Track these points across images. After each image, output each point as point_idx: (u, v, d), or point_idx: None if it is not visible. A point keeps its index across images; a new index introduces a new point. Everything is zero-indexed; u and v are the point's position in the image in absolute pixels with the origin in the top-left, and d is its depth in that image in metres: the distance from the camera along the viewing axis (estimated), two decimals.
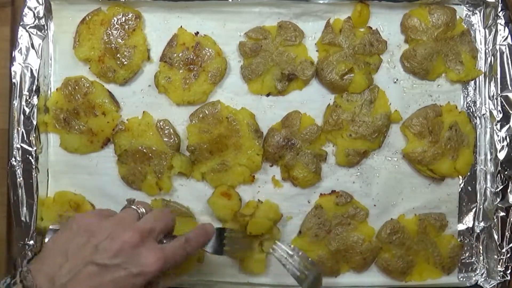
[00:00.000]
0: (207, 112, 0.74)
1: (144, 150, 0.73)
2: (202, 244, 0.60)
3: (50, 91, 0.76)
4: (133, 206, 0.57)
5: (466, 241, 0.76)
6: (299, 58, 0.74)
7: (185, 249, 0.56)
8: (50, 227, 0.67)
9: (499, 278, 0.73)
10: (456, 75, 0.75)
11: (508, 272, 0.73)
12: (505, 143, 0.74)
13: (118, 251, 0.50)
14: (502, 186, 0.73)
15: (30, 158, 0.73)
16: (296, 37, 0.74)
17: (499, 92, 0.74)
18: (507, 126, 0.74)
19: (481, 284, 0.75)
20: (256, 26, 0.75)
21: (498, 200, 0.73)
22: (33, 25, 0.74)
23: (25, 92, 0.73)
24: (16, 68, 0.73)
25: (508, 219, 0.73)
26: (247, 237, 0.71)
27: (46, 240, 0.64)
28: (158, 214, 0.56)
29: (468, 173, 0.76)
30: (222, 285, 0.74)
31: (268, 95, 0.75)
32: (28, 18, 0.74)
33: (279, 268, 0.74)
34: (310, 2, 0.74)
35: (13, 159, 0.72)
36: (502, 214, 0.73)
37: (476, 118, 0.76)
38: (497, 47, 0.74)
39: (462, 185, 0.76)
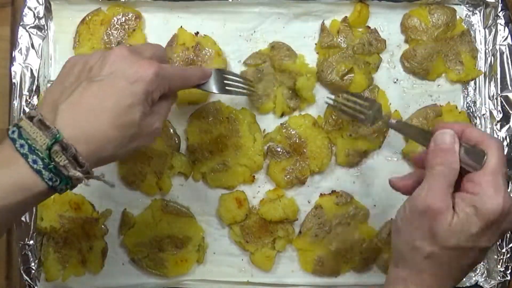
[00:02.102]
0: (207, 112, 0.74)
1: (144, 150, 0.73)
2: (198, 75, 0.59)
3: None
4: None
5: None
6: (300, 72, 0.74)
7: (180, 71, 0.56)
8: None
9: (499, 278, 0.73)
10: (456, 75, 0.75)
11: (508, 272, 0.73)
12: (505, 143, 0.74)
13: (111, 63, 0.49)
14: None
15: None
16: (290, 56, 0.74)
17: (499, 92, 0.74)
18: (507, 126, 0.74)
19: (481, 284, 0.74)
20: (252, 53, 0.75)
21: None
22: (33, 25, 0.74)
23: (25, 92, 0.73)
24: (16, 68, 0.73)
25: None
26: (248, 80, 0.71)
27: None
28: (148, 43, 0.56)
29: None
30: (222, 284, 0.74)
31: (282, 115, 0.75)
32: (28, 18, 0.74)
33: (281, 268, 0.74)
34: (310, 2, 0.74)
35: None
36: None
37: (476, 118, 0.76)
38: (497, 47, 0.74)
39: None
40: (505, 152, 0.73)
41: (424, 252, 0.49)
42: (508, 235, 0.73)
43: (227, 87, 0.65)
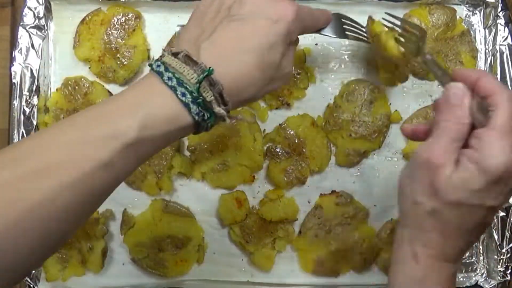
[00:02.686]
0: None
1: None
2: (324, 19, 0.58)
3: (50, 91, 0.76)
4: None
5: None
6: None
7: (313, 15, 0.54)
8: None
9: (499, 278, 0.73)
10: None
11: (508, 272, 0.73)
12: None
13: (252, 2, 0.48)
14: None
15: None
16: None
17: None
18: None
19: (481, 284, 0.75)
20: None
21: None
22: (33, 25, 0.74)
23: (25, 92, 0.73)
24: (16, 68, 0.73)
25: (508, 219, 0.73)
26: (363, 26, 0.69)
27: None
28: None
29: None
30: (222, 284, 0.74)
31: (277, 108, 0.75)
32: (28, 18, 0.74)
33: (281, 268, 0.74)
34: (310, 2, 0.74)
35: None
36: (502, 214, 0.73)
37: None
38: (497, 47, 0.74)
39: None
40: None
41: (426, 208, 0.47)
42: (508, 235, 0.73)
43: (346, 32, 0.64)
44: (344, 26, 0.64)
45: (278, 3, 0.49)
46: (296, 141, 0.73)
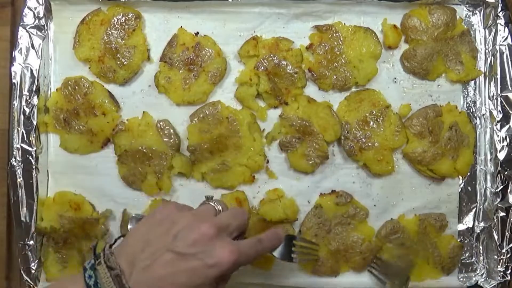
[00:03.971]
0: (207, 112, 0.74)
1: (144, 150, 0.73)
2: (274, 247, 0.60)
3: (50, 91, 0.76)
4: (211, 203, 0.59)
5: (466, 242, 0.76)
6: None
7: (257, 248, 0.56)
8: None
9: (499, 278, 0.73)
10: (456, 75, 0.75)
11: (508, 272, 0.73)
12: (505, 143, 0.74)
13: (195, 241, 0.51)
14: (502, 186, 0.73)
15: (30, 158, 0.73)
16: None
17: (499, 92, 0.74)
18: (507, 126, 0.74)
19: (481, 284, 0.75)
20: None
21: (498, 200, 0.73)
22: (33, 25, 0.74)
23: (25, 92, 0.73)
24: (16, 68, 0.73)
25: (508, 219, 0.73)
26: (315, 245, 0.72)
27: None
28: (234, 212, 0.57)
29: (468, 173, 0.76)
30: None
31: (276, 107, 0.75)
32: (28, 18, 0.74)
33: (281, 268, 0.74)
34: (310, 2, 0.74)
35: (13, 159, 0.72)
36: (502, 214, 0.73)
37: (476, 118, 0.76)
38: (497, 47, 0.74)
39: (462, 185, 0.76)
40: (505, 152, 0.73)
41: None
42: (508, 235, 0.73)
43: (292, 254, 0.66)
44: (293, 249, 0.67)
45: (219, 247, 0.51)
46: (301, 123, 0.73)
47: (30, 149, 0.73)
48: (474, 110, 0.76)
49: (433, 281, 0.75)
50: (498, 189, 0.73)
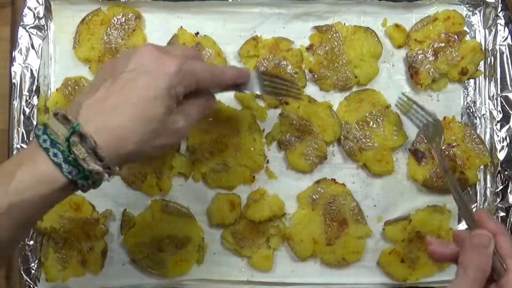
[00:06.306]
0: (207, 112, 0.73)
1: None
2: (232, 76, 0.56)
3: (50, 91, 0.76)
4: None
5: None
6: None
7: (210, 69, 0.54)
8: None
9: None
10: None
11: None
12: (505, 143, 0.74)
13: (136, 61, 0.49)
14: (502, 186, 0.73)
15: None
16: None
17: (499, 92, 0.74)
18: (507, 126, 0.74)
19: None
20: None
21: (498, 200, 0.73)
22: (33, 25, 0.74)
23: (25, 93, 0.73)
24: (16, 68, 0.73)
25: (508, 219, 0.73)
26: (290, 82, 0.68)
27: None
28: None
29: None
30: (222, 284, 0.74)
31: (276, 107, 0.75)
32: (28, 18, 0.74)
33: (281, 267, 0.74)
34: (310, 2, 0.74)
35: None
36: (502, 214, 0.73)
37: (476, 118, 0.76)
38: (497, 47, 0.74)
39: None
40: (505, 152, 0.73)
41: None
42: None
43: (269, 88, 0.61)
44: (265, 83, 0.60)
45: (160, 59, 0.49)
46: (301, 122, 0.73)
47: None
48: (474, 110, 0.76)
49: (432, 279, 0.74)
50: (498, 189, 0.73)
